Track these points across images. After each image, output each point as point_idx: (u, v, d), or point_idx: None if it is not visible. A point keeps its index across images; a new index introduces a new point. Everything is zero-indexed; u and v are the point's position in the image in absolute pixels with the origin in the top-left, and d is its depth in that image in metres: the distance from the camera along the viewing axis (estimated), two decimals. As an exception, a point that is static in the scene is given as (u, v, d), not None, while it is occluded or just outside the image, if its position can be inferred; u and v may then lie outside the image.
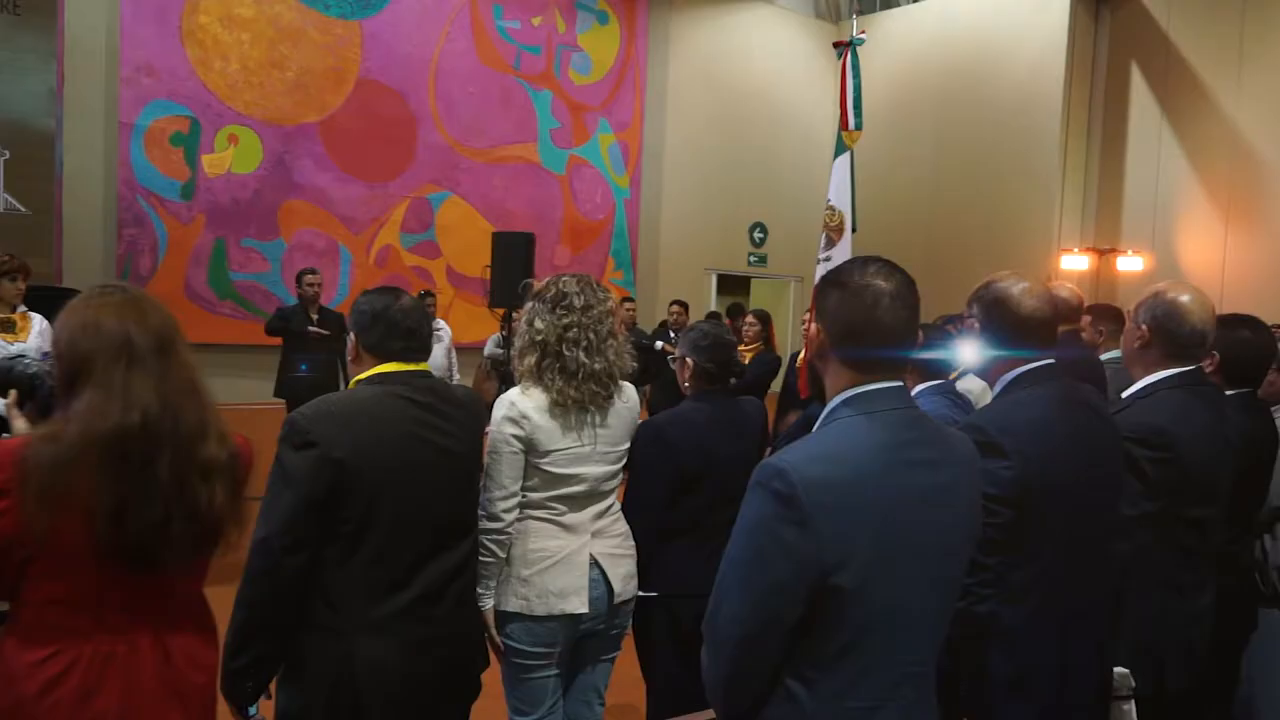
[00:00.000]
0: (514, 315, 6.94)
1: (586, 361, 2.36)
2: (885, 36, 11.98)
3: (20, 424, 1.80)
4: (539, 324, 2.38)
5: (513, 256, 6.27)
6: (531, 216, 10.32)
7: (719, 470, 2.61)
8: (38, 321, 4.45)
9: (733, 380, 2.83)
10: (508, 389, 2.44)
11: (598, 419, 2.41)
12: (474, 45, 10.10)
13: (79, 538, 1.57)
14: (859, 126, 5.24)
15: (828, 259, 5.05)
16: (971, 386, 3.38)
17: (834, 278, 1.45)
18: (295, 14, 9.00)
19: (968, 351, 2.09)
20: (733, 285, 12.74)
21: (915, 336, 1.46)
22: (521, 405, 2.33)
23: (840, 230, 5.19)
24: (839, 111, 5.24)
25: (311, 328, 6.55)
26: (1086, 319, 3.86)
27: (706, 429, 2.65)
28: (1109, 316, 3.90)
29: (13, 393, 1.81)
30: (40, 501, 1.52)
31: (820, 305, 1.47)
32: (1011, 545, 1.85)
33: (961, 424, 1.95)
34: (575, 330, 2.37)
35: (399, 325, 2.11)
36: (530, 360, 2.36)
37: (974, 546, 1.57)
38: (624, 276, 11.29)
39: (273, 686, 2.07)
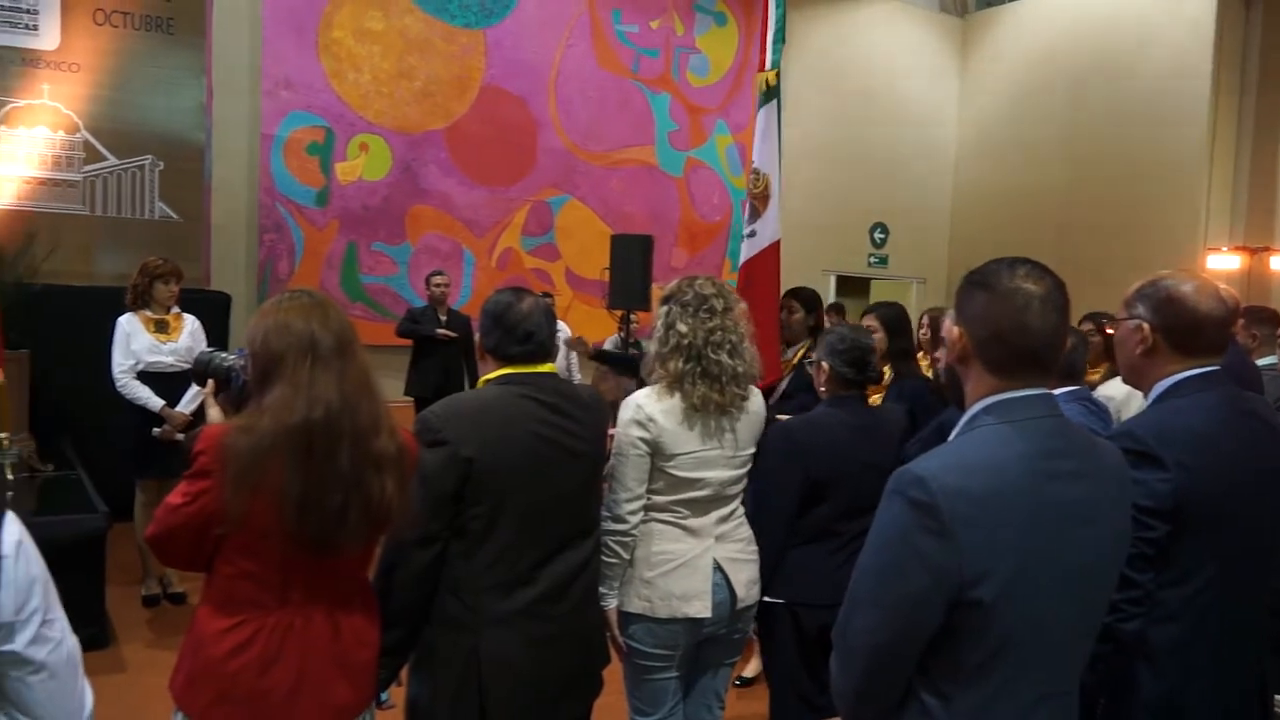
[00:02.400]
0: (632, 317, 6.99)
1: (730, 364, 2.35)
2: (1013, 27, 11.54)
3: (214, 412, 1.95)
4: (682, 327, 2.37)
5: (631, 259, 6.31)
6: (649, 219, 10.37)
7: (851, 478, 2.56)
8: (189, 322, 4.72)
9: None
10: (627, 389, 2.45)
11: (725, 423, 2.39)
12: (593, 50, 10.22)
13: (269, 520, 1.70)
14: (775, 65, 4.33)
15: (752, 234, 4.25)
16: (1112, 393, 3.22)
17: (979, 279, 1.40)
18: (422, 25, 9.29)
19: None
20: (852, 287, 12.50)
21: (1064, 342, 1.39)
22: (649, 408, 2.34)
23: (765, 198, 4.30)
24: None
25: (439, 329, 6.75)
26: (1240, 322, 3.64)
27: (840, 435, 2.60)
28: (1264, 319, 3.67)
29: (211, 382, 1.96)
30: (237, 486, 1.66)
31: (963, 308, 1.42)
32: (1164, 562, 1.75)
33: (1112, 433, 1.84)
34: (719, 333, 2.36)
35: (517, 328, 2.15)
36: (676, 364, 2.35)
37: (1123, 563, 1.49)
38: (741, 278, 11.21)
39: (404, 674, 2.15)
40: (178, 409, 4.55)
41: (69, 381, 5.48)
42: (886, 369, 3.54)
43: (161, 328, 4.60)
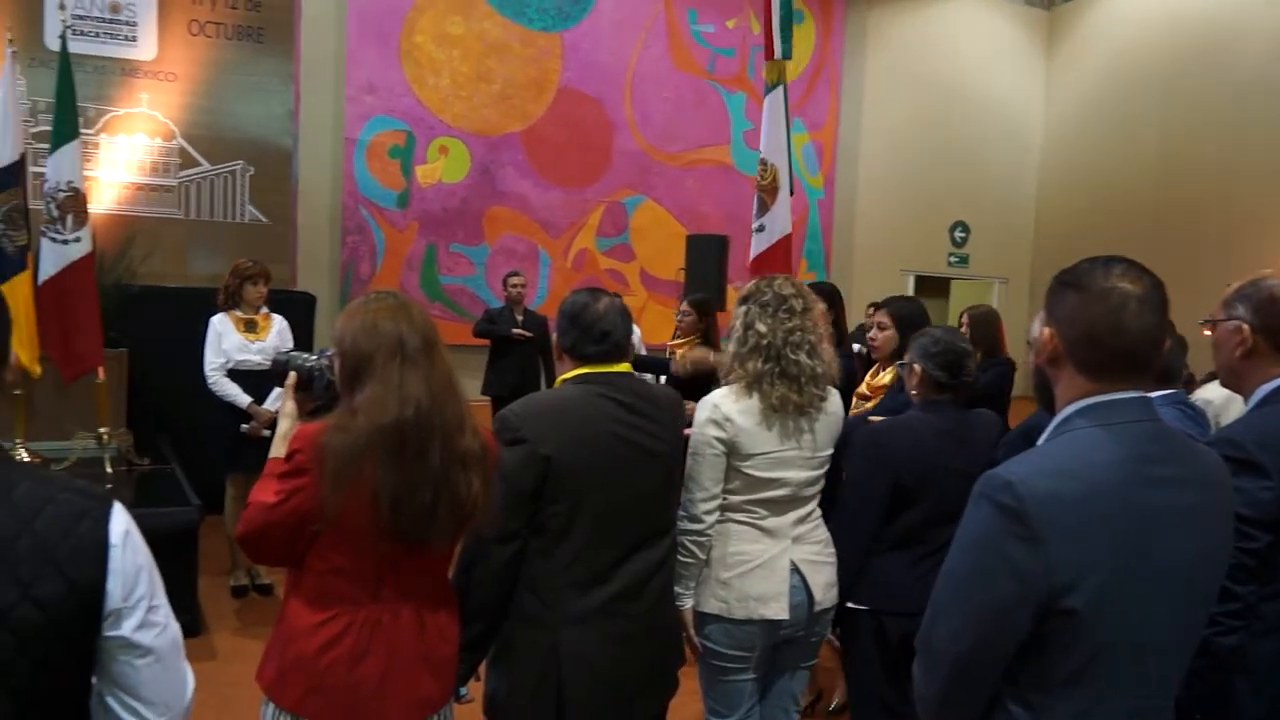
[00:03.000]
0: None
1: (809, 364, 2.33)
2: (1103, 18, 11.18)
3: (290, 406, 2.00)
4: (761, 327, 2.35)
5: (707, 259, 6.31)
6: (724, 219, 10.33)
7: (940, 485, 2.50)
8: (277, 321, 4.87)
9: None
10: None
11: (803, 423, 2.37)
12: (669, 51, 10.23)
13: (363, 518, 1.74)
14: (787, 55, 4.09)
15: (760, 228, 4.03)
16: (1211, 397, 3.09)
17: (1071, 279, 1.36)
18: (501, 29, 9.42)
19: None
20: (932, 287, 12.26)
21: (1163, 344, 1.34)
22: (725, 407, 2.33)
23: (774, 191, 4.06)
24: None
25: (516, 329, 6.83)
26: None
27: (929, 440, 2.54)
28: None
29: (293, 375, 2.01)
30: (334, 483, 1.70)
31: (1054, 308, 1.38)
32: (1267, 574, 1.67)
33: (1212, 438, 1.77)
34: (799, 334, 2.34)
35: (593, 329, 2.16)
36: (755, 364, 2.33)
37: (1224, 574, 1.43)
38: (817, 278, 11.10)
39: (482, 669, 2.18)
40: (264, 406, 4.69)
41: (165, 379, 5.69)
42: (890, 371, 3.30)
43: (251, 327, 4.76)
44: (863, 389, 3.47)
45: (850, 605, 2.54)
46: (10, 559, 1.17)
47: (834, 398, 2.48)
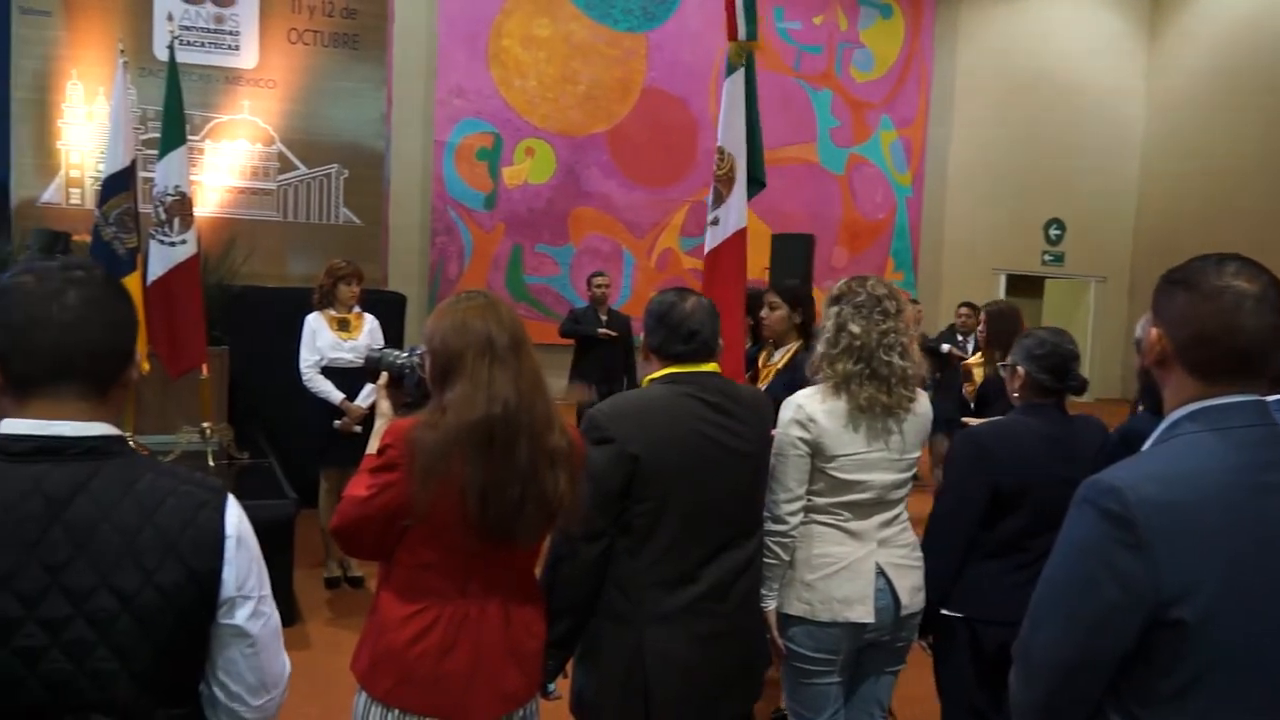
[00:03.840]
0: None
1: (901, 365, 2.30)
2: (1211, 4, 10.70)
3: (385, 405, 2.04)
4: (854, 328, 2.32)
5: (792, 258, 6.26)
6: (809, 217, 10.23)
7: (1042, 491, 2.42)
8: (369, 321, 5.00)
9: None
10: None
11: (890, 425, 2.33)
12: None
13: (452, 514, 1.76)
14: (751, 35, 3.77)
15: (715, 221, 3.71)
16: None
17: (1181, 277, 1.30)
18: (587, 31, 9.51)
19: None
20: (1024, 286, 11.92)
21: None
22: (809, 408, 2.30)
23: (730, 181, 3.71)
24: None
25: (600, 329, 6.88)
26: None
27: (1032, 445, 2.47)
28: None
29: (384, 375, 2.06)
30: (424, 479, 1.73)
31: (1162, 308, 1.32)
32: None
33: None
34: (892, 335, 2.31)
35: (680, 328, 2.16)
36: (845, 365, 2.31)
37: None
38: (904, 278, 10.90)
39: (569, 666, 2.20)
40: (356, 403, 4.82)
41: (263, 376, 5.88)
42: (787, 352, 3.33)
43: (344, 326, 4.89)
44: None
45: (945, 612, 2.49)
46: (135, 548, 1.23)
47: (923, 400, 2.43)
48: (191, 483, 1.33)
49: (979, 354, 4.69)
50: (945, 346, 7.06)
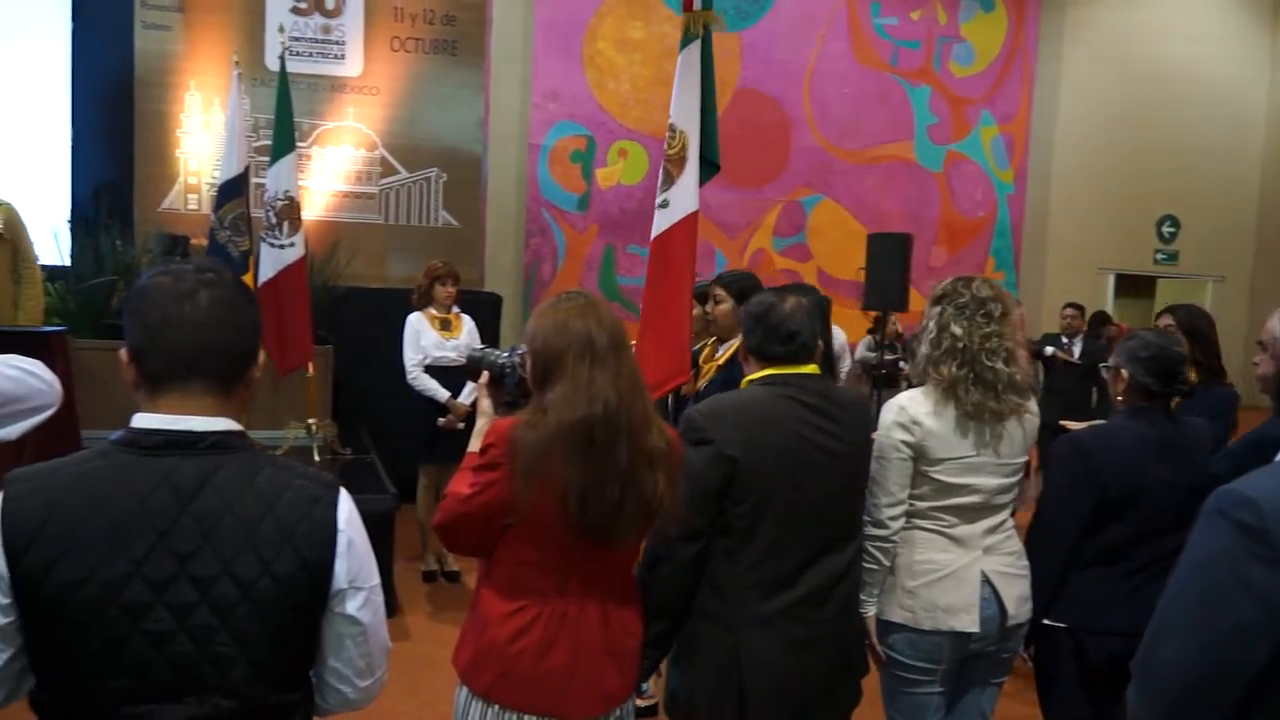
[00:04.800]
0: (890, 318, 6.77)
1: (1006, 371, 2.23)
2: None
3: (486, 403, 2.07)
4: (957, 330, 2.26)
5: (889, 258, 6.13)
6: (905, 216, 10.03)
7: (1149, 497, 2.33)
8: (467, 321, 5.12)
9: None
10: (880, 393, 2.38)
11: (997, 429, 2.26)
12: (850, 46, 10.02)
13: (552, 513, 1.78)
14: (708, 4, 3.51)
15: (664, 204, 3.45)
16: None
17: None
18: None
19: None
20: (1134, 286, 11.43)
21: None
22: (913, 410, 2.25)
23: (682, 161, 3.45)
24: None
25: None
26: None
27: (1137, 450, 2.37)
28: None
29: (485, 374, 2.10)
30: (525, 479, 1.75)
31: None
32: None
33: None
34: (995, 340, 2.24)
35: (779, 329, 2.14)
36: (949, 369, 2.25)
37: None
38: (1005, 278, 10.58)
39: (663, 667, 2.20)
40: (458, 400, 4.93)
41: (365, 374, 6.07)
42: (729, 346, 3.16)
43: (445, 325, 5.01)
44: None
45: (1047, 622, 2.41)
46: (255, 539, 1.29)
47: (1032, 403, 2.36)
48: (307, 478, 1.38)
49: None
50: (1049, 349, 6.83)
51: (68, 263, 6.27)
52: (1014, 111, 10.61)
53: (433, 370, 4.95)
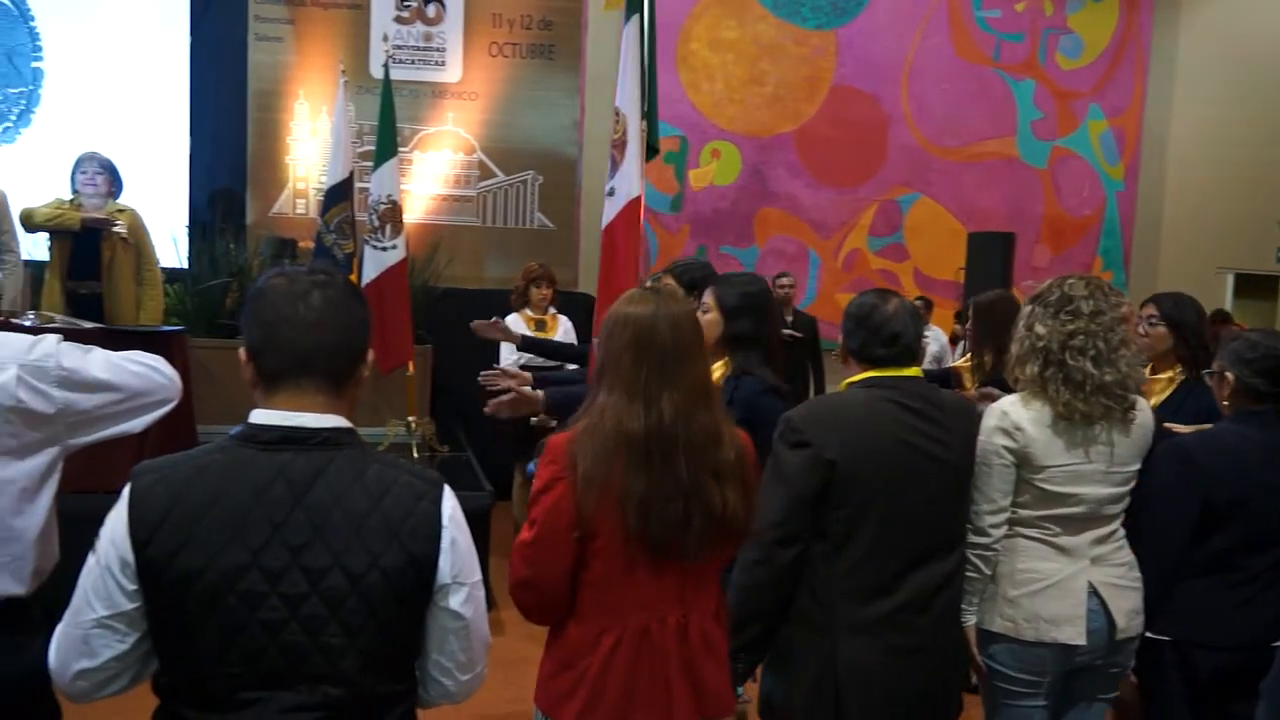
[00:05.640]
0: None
1: (1095, 373, 2.14)
2: None
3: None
4: (1040, 329, 2.20)
5: (990, 258, 5.98)
6: (1008, 215, 9.73)
7: (1259, 505, 2.22)
8: (564, 322, 5.19)
9: None
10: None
11: (1103, 435, 2.18)
12: (950, 41, 9.78)
13: (617, 525, 1.71)
14: None
15: (611, 192, 3.30)
16: None
17: None
18: (775, 30, 9.43)
19: None
20: (1254, 287, 10.84)
21: None
22: (1015, 415, 2.19)
23: (624, 146, 3.30)
24: None
25: (786, 330, 6.82)
26: None
27: (1247, 456, 2.26)
28: None
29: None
30: (585, 487, 1.70)
31: None
32: None
33: None
34: (1081, 338, 2.16)
35: (882, 331, 2.10)
36: (1031, 368, 2.18)
37: None
38: (1114, 277, 10.17)
39: (758, 671, 2.18)
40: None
41: (462, 373, 6.19)
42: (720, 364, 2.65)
43: (540, 326, 5.10)
44: None
45: (1151, 635, 2.30)
46: (363, 532, 1.33)
47: (1142, 409, 2.26)
48: (412, 474, 1.41)
49: (967, 356, 3.85)
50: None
51: (185, 265, 6.58)
52: (1125, 105, 10.19)
53: (525, 370, 5.01)
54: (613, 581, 1.75)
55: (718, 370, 2.61)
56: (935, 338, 7.35)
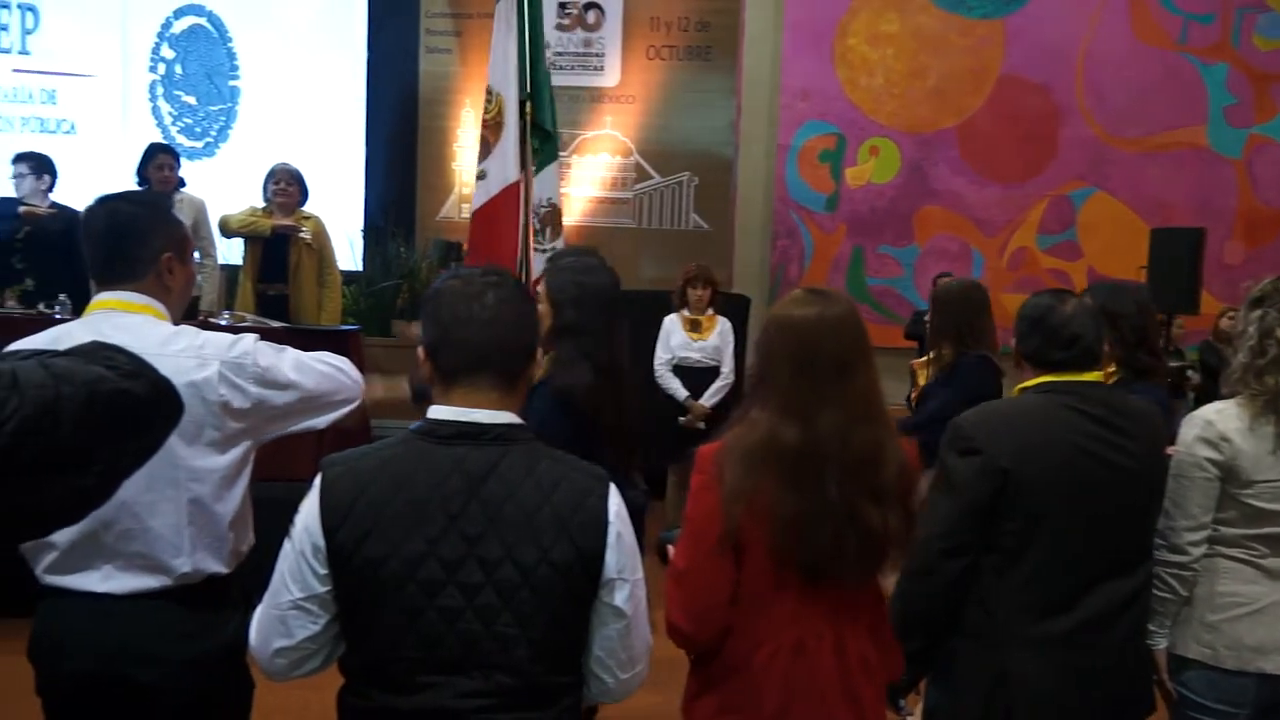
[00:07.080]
0: (1177, 321, 6.15)
1: None
2: None
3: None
4: None
5: (1176, 256, 5.58)
6: (1195, 209, 9.05)
7: None
8: (722, 323, 5.22)
9: None
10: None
11: None
12: (1130, 24, 9.19)
13: (766, 542, 1.63)
14: None
15: (482, 175, 3.16)
16: None
17: None
18: (937, 22, 9.12)
19: None
20: None
21: None
22: (1222, 425, 2.02)
23: (499, 127, 3.20)
24: None
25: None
26: None
27: None
28: None
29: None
30: (731, 500, 1.62)
31: None
32: None
33: None
34: None
35: (1060, 333, 1.99)
36: (1275, 379, 2.01)
37: None
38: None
39: (923, 684, 2.11)
40: (701, 401, 5.02)
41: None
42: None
43: (695, 327, 5.14)
44: None
45: None
46: (534, 526, 1.37)
47: None
48: (580, 470, 1.44)
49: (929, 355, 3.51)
50: None
51: (360, 267, 6.96)
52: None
53: (679, 370, 5.08)
54: (763, 596, 1.68)
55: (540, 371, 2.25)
56: None
